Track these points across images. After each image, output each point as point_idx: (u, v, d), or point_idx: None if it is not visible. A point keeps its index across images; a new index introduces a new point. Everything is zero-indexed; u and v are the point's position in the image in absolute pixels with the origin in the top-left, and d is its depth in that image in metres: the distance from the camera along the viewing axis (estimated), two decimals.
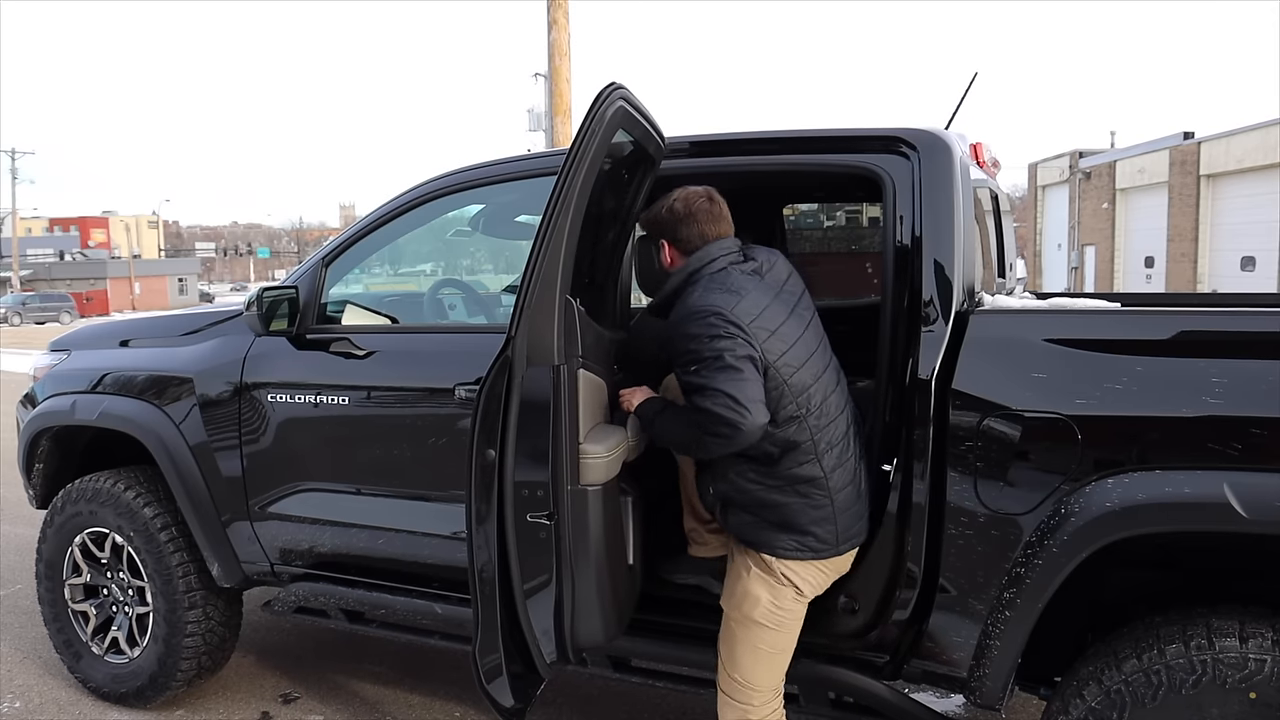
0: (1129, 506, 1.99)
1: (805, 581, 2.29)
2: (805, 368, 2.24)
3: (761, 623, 2.30)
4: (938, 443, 2.24)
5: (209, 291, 68.88)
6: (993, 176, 3.20)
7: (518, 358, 2.21)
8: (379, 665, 3.84)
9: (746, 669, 2.34)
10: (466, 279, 4.50)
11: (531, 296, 2.19)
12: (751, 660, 2.33)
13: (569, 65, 11.43)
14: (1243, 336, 2.08)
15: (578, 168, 2.19)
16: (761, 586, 2.29)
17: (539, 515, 2.22)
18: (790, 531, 2.25)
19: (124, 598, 3.49)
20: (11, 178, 52.42)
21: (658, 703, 3.46)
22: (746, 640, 2.33)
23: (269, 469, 3.14)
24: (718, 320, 2.16)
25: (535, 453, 2.22)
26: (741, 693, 2.34)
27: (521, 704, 2.36)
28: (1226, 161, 22.69)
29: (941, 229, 2.35)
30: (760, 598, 2.29)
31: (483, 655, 2.30)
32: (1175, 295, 5.69)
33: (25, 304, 43.62)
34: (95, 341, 3.71)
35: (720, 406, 2.10)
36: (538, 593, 2.27)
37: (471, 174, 3.05)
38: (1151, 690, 1.96)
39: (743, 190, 3.66)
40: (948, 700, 3.16)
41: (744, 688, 2.34)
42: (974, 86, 2.97)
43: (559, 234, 2.19)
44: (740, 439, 2.13)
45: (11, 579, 4.95)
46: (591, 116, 2.20)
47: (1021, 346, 2.20)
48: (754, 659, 2.33)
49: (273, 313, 3.02)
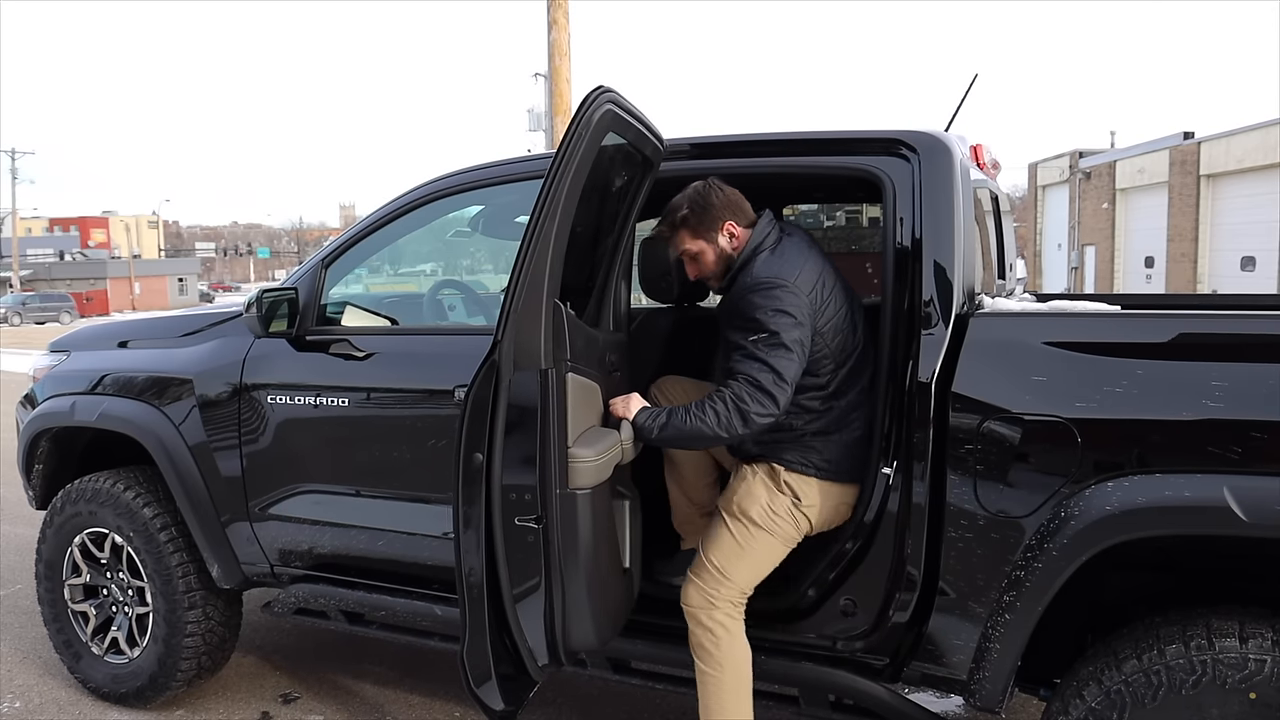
0: (1129, 510, 1.99)
1: (804, 495, 2.43)
2: (844, 330, 2.45)
3: (755, 520, 2.44)
4: (938, 445, 2.24)
5: (209, 291, 68.89)
6: (993, 178, 3.20)
7: (504, 362, 2.21)
8: (379, 665, 3.84)
9: (725, 559, 2.44)
10: (466, 280, 4.50)
11: (518, 301, 2.19)
12: (734, 554, 2.44)
13: (569, 65, 11.43)
14: (1243, 339, 2.07)
15: (564, 172, 2.19)
16: (762, 487, 2.46)
17: (527, 519, 2.22)
18: (799, 449, 2.44)
19: (124, 598, 3.49)
20: (11, 178, 52.50)
21: (658, 703, 3.46)
22: (735, 536, 2.45)
23: (268, 470, 3.14)
24: (783, 294, 2.35)
25: (523, 457, 2.22)
26: (712, 580, 2.44)
27: (512, 706, 2.36)
28: (1226, 161, 22.69)
29: (941, 231, 2.35)
30: (759, 496, 2.45)
31: (471, 658, 2.30)
32: (1175, 296, 5.69)
33: (25, 304, 43.62)
34: (94, 342, 3.72)
35: (767, 381, 2.29)
36: (527, 596, 2.27)
37: (471, 175, 3.05)
38: (1151, 691, 1.96)
39: (743, 191, 3.66)
40: (947, 702, 3.15)
41: (717, 576, 2.43)
42: (974, 88, 2.97)
43: (545, 239, 2.19)
44: (772, 411, 2.31)
45: (11, 579, 4.95)
46: (577, 120, 2.20)
47: (1021, 349, 2.20)
48: (737, 555, 2.44)
49: (272, 314, 3.02)
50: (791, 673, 2.52)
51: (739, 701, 2.42)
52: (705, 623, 2.42)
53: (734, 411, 2.30)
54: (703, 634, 2.43)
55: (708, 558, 2.46)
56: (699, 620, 2.43)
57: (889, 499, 2.33)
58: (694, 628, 2.44)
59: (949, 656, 2.30)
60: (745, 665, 2.44)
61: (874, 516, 2.36)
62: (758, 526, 2.44)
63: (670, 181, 2.73)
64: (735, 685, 2.42)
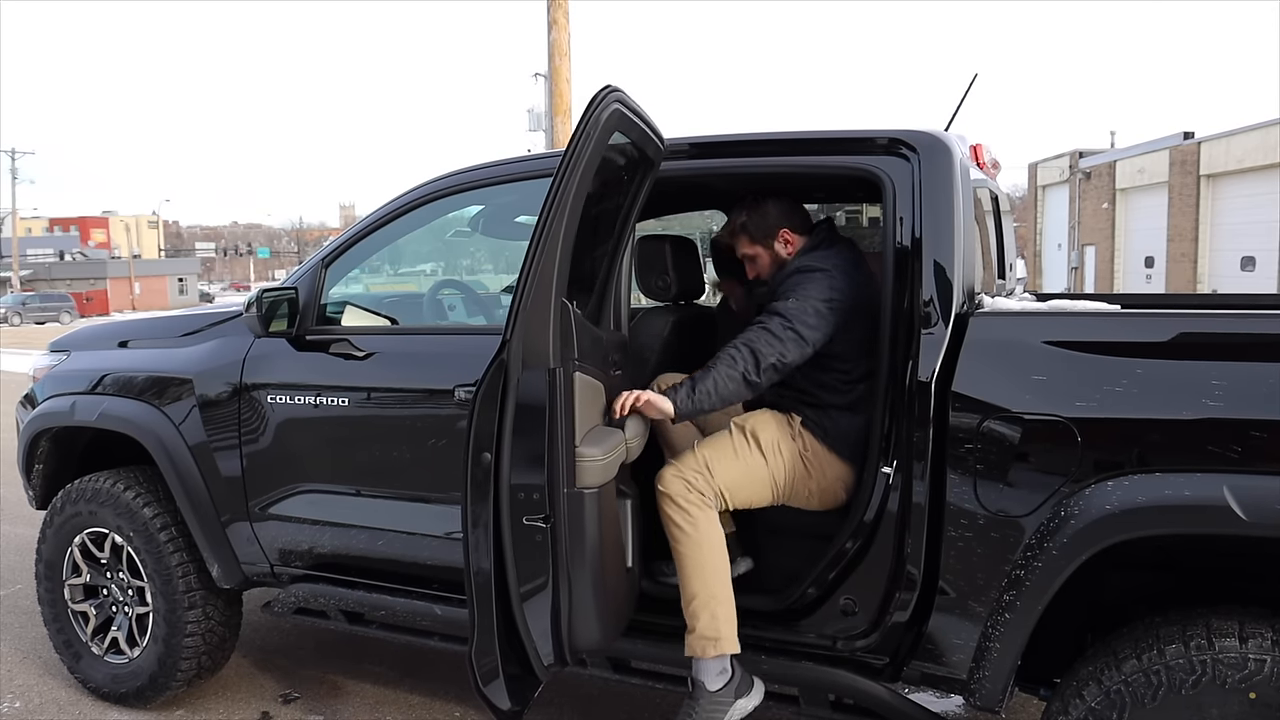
0: (1129, 509, 1.99)
1: (809, 449, 2.56)
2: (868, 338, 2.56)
3: (760, 442, 2.55)
4: (937, 445, 2.24)
5: (209, 291, 68.90)
6: (993, 178, 3.20)
7: (513, 361, 2.21)
8: (379, 665, 3.84)
9: (715, 458, 2.51)
10: (466, 279, 4.51)
11: (527, 300, 2.19)
12: (726, 458, 2.53)
13: (569, 65, 11.43)
14: (1243, 339, 2.07)
15: (573, 171, 2.19)
16: (778, 426, 2.60)
17: (535, 518, 2.22)
18: (818, 412, 2.59)
19: (124, 598, 3.49)
20: (11, 178, 52.46)
21: (658, 703, 3.46)
22: (734, 445, 2.56)
23: (268, 470, 3.14)
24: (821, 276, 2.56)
25: (531, 456, 2.22)
26: (693, 469, 2.49)
27: (519, 706, 2.36)
28: (1226, 161, 22.69)
29: (941, 231, 2.35)
30: (773, 428, 2.59)
31: (479, 657, 2.30)
32: (1175, 296, 5.69)
33: (25, 304, 43.61)
34: (94, 342, 3.71)
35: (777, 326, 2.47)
36: (534, 596, 2.27)
37: (471, 175, 3.05)
38: (1151, 690, 1.96)
39: (743, 191, 3.65)
40: (947, 701, 3.15)
41: (700, 468, 2.49)
42: (974, 88, 2.97)
43: (554, 237, 2.19)
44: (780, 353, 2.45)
45: (11, 579, 4.95)
46: (586, 120, 2.21)
47: (1021, 349, 2.20)
48: (728, 459, 2.53)
49: (272, 314, 3.02)
50: (791, 672, 2.51)
51: (718, 576, 2.45)
52: (681, 504, 2.45)
53: (745, 352, 2.45)
54: (679, 515, 2.45)
55: (699, 452, 2.54)
56: (674, 502, 2.46)
57: (889, 498, 2.33)
58: (669, 509, 2.47)
59: (949, 656, 2.30)
60: (721, 544, 2.48)
61: (874, 516, 2.36)
62: (759, 449, 2.55)
63: (670, 181, 2.73)
64: (715, 561, 2.45)
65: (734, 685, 2.43)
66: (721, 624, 2.42)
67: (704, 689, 2.42)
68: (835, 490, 2.57)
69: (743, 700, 2.45)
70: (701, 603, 2.43)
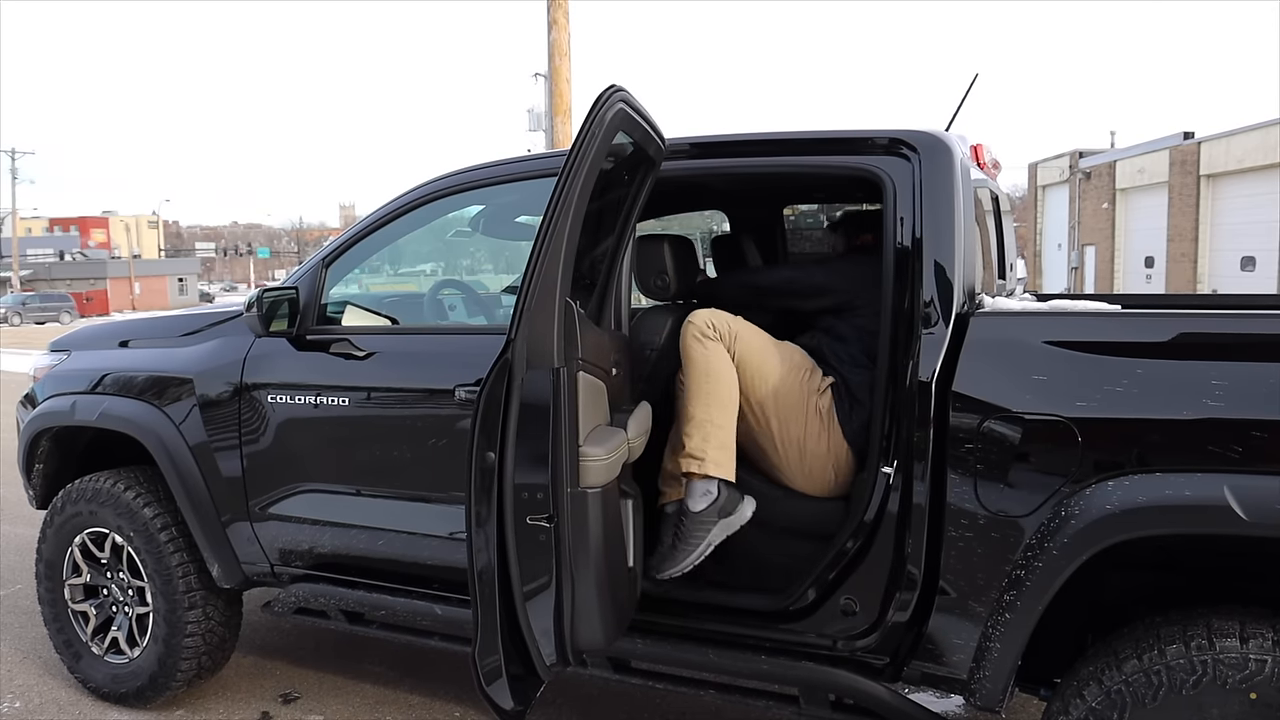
0: (1129, 509, 1.99)
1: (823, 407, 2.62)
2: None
3: (773, 365, 2.60)
4: (938, 445, 2.24)
5: (209, 291, 68.90)
6: (993, 178, 3.20)
7: (517, 360, 2.21)
8: (379, 665, 3.84)
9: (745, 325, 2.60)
10: (466, 279, 4.50)
11: (531, 299, 2.19)
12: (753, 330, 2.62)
13: (569, 65, 11.44)
14: (1243, 339, 2.07)
15: (578, 170, 2.19)
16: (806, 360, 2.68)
17: (539, 518, 2.22)
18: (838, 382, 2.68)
19: (124, 598, 3.49)
20: (11, 178, 52.46)
21: (658, 703, 3.46)
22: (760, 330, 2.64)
23: (269, 470, 3.14)
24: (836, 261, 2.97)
25: (535, 455, 2.22)
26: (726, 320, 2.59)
27: (521, 706, 2.36)
28: (1226, 161, 22.69)
29: (942, 231, 2.36)
30: (799, 355, 2.67)
31: (482, 657, 2.30)
32: (1175, 296, 5.69)
33: (25, 304, 43.62)
34: (95, 342, 3.71)
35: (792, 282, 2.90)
36: (537, 595, 2.27)
37: (471, 175, 3.05)
38: (1152, 690, 1.95)
39: (743, 191, 3.65)
40: (947, 701, 3.16)
41: (730, 321, 2.59)
42: (974, 88, 2.98)
43: (559, 236, 2.19)
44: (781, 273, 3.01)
45: (11, 579, 4.95)
46: (591, 119, 2.21)
47: (1022, 349, 2.20)
48: (753, 331, 2.62)
49: (273, 314, 3.02)
50: (791, 672, 2.51)
51: (721, 406, 2.52)
52: (699, 336, 2.55)
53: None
54: (696, 346, 2.55)
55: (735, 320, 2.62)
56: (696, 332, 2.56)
57: (889, 498, 2.33)
58: (689, 340, 2.57)
59: (949, 656, 2.30)
60: (732, 382, 2.54)
61: (874, 516, 2.36)
62: (781, 351, 2.64)
63: (670, 181, 2.73)
64: (720, 392, 2.53)
65: (718, 505, 2.48)
66: (711, 447, 2.47)
67: (687, 509, 2.49)
68: (823, 465, 2.60)
69: (727, 519, 2.50)
70: (696, 424, 2.49)
